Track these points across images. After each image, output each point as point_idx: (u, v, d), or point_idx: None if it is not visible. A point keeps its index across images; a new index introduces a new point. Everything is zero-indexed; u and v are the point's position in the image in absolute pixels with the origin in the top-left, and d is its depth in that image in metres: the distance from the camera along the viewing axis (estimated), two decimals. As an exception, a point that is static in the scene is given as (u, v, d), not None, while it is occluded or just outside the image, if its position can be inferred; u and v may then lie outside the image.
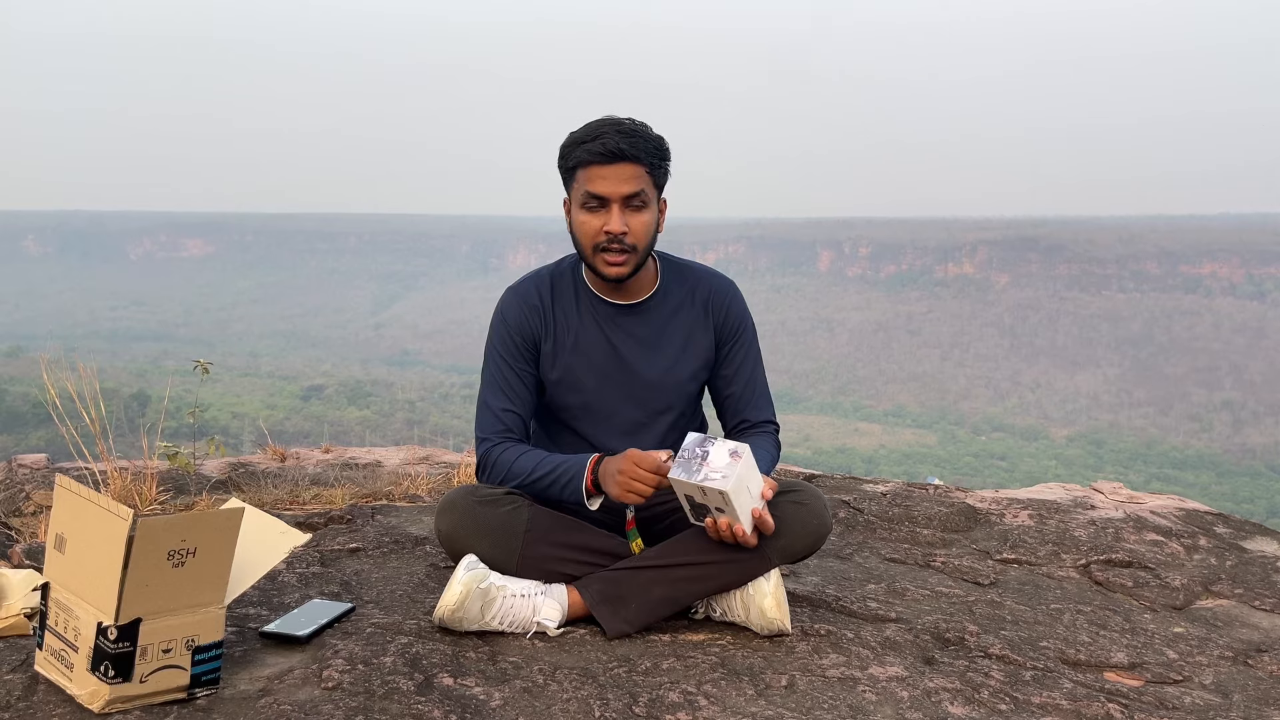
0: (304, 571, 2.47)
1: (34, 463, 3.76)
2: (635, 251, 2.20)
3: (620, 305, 2.31)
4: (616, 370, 2.30)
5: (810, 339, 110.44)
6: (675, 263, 2.41)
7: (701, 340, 2.36)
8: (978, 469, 61.08)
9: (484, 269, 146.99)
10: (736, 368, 2.39)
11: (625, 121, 2.18)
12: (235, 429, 30.68)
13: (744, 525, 2.04)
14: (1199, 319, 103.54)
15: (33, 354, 29.07)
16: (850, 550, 3.02)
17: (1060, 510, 3.49)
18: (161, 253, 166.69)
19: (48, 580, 1.76)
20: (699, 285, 2.38)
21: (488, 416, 2.29)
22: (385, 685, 1.81)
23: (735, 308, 2.39)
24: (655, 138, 2.19)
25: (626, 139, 2.14)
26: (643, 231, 2.20)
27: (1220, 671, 2.24)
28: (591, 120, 2.21)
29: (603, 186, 2.15)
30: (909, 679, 2.00)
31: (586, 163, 2.16)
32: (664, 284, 2.36)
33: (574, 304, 2.32)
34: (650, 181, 2.20)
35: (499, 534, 2.16)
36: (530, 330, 2.30)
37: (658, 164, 2.20)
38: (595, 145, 2.14)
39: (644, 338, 2.32)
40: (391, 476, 3.81)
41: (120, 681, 1.65)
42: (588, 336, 2.30)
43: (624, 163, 2.14)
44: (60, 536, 1.76)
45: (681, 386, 2.35)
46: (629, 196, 2.16)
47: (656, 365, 2.32)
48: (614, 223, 2.16)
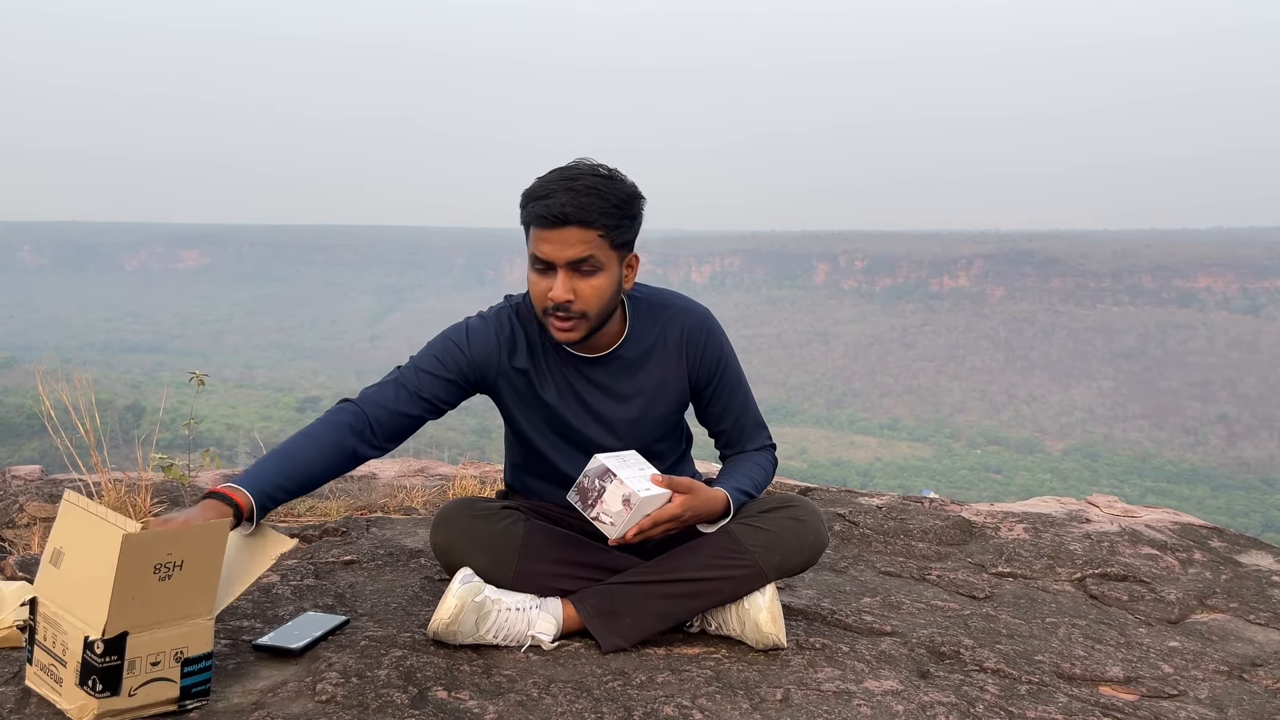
0: (298, 584, 2.46)
1: (28, 474, 3.75)
2: (586, 318, 2.06)
3: (586, 357, 2.21)
4: (585, 420, 2.23)
5: (806, 351, 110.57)
6: (644, 301, 2.25)
7: (675, 384, 2.26)
8: (973, 482, 61.12)
9: (480, 281, 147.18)
10: (723, 407, 2.31)
11: (584, 176, 2.00)
12: (230, 441, 30.57)
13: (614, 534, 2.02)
14: (1193, 333, 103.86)
15: (27, 365, 29.03)
16: (845, 564, 3.02)
17: (1055, 524, 3.49)
18: (157, 264, 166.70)
19: (35, 595, 1.76)
20: (670, 325, 2.24)
21: (378, 382, 2.13)
22: (379, 698, 1.80)
23: (711, 347, 2.26)
24: (617, 195, 2.01)
25: (576, 200, 1.96)
26: (594, 297, 2.04)
27: (1215, 686, 2.24)
28: (554, 170, 2.05)
29: (547, 250, 2.00)
30: (904, 693, 2.00)
31: (533, 222, 2.02)
32: (632, 331, 2.21)
33: (542, 349, 2.21)
34: (606, 244, 2.02)
35: (494, 548, 2.16)
36: (489, 365, 2.17)
37: (615, 225, 2.02)
38: (540, 207, 1.98)
39: (611, 389, 2.23)
40: (387, 489, 3.81)
41: (108, 695, 1.64)
42: (555, 385, 2.21)
43: (570, 227, 1.98)
44: (58, 551, 1.75)
45: (653, 430, 2.28)
46: (575, 262, 2.01)
47: (627, 413, 2.24)
48: (557, 290, 2.01)
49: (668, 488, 2.03)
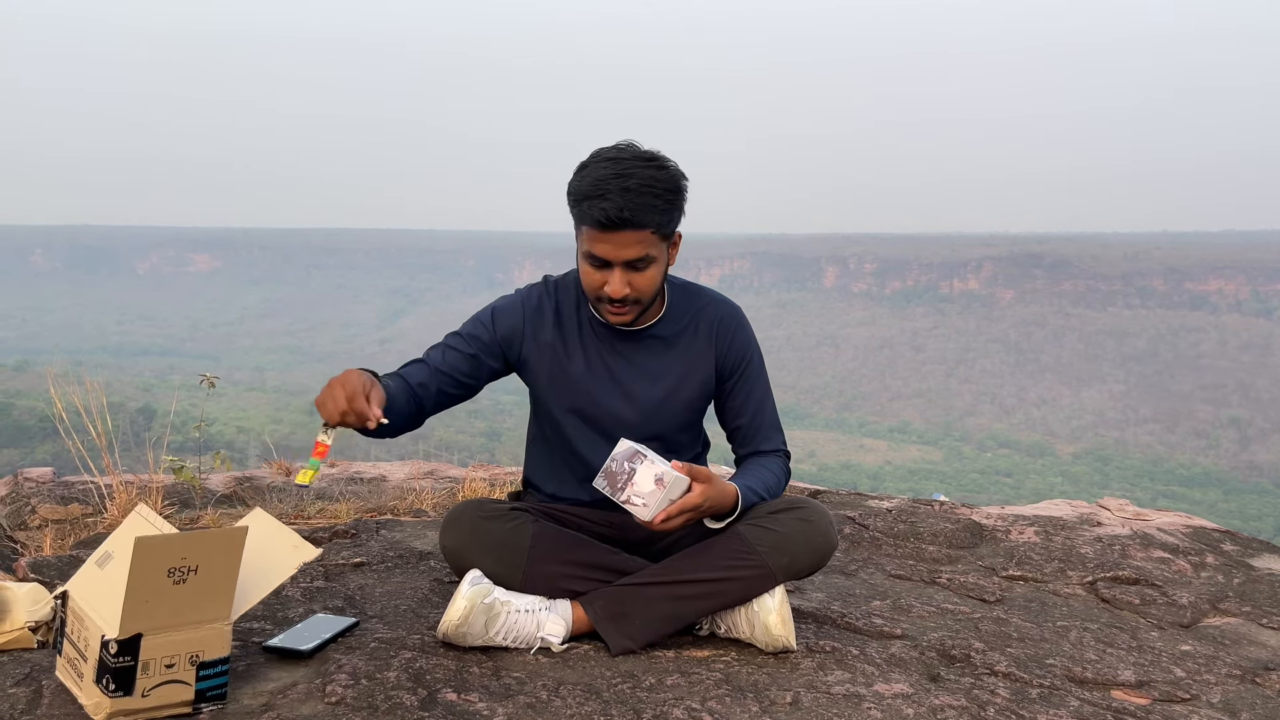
0: (308, 586, 2.47)
1: (40, 476, 3.77)
2: (639, 304, 2.13)
3: (622, 330, 2.25)
4: (613, 395, 2.25)
5: (815, 355, 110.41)
6: (681, 287, 2.32)
7: (703, 369, 2.29)
8: (983, 485, 60.93)
9: (489, 284, 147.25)
10: (744, 400, 2.33)
11: (635, 171, 2.00)
12: (241, 443, 30.64)
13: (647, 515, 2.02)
14: (1205, 335, 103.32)
15: (40, 368, 29.17)
16: (855, 566, 3.01)
17: (1066, 527, 3.48)
18: (169, 268, 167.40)
19: (67, 589, 1.78)
20: (704, 312, 2.30)
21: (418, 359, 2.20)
22: (389, 700, 1.81)
23: (740, 338, 2.31)
24: (667, 189, 2.04)
25: (631, 203, 1.98)
26: (648, 286, 2.11)
27: (1228, 690, 2.23)
28: (601, 159, 2.04)
29: (604, 251, 2.04)
30: (914, 696, 1.99)
31: (588, 223, 2.03)
32: (670, 309, 2.28)
33: (575, 323, 2.26)
34: (657, 238, 2.06)
35: (503, 549, 2.16)
36: (514, 340, 2.23)
37: (667, 220, 2.06)
38: (596, 210, 1.99)
39: (643, 365, 2.26)
40: (396, 491, 3.82)
41: (122, 695, 1.66)
42: (586, 359, 2.24)
43: (627, 230, 2.01)
44: (108, 554, 1.80)
45: (677, 415, 2.30)
46: (633, 261, 2.06)
47: (654, 393, 2.26)
48: (614, 286, 2.06)
49: (688, 475, 2.03)
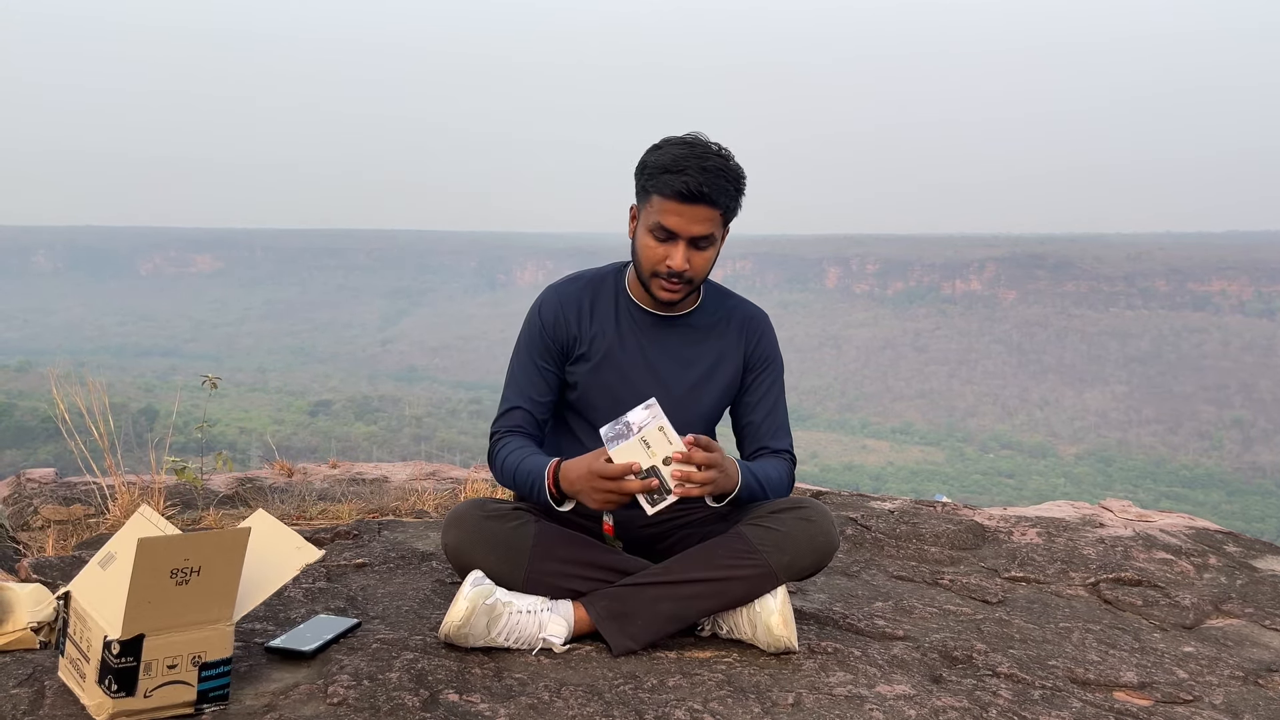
0: (310, 587, 2.47)
1: (42, 477, 3.77)
2: (691, 284, 2.21)
3: (659, 316, 2.32)
4: (646, 380, 2.29)
5: (817, 356, 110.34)
6: (716, 286, 2.42)
7: (731, 362, 2.36)
8: (986, 486, 60.86)
9: (491, 285, 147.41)
10: (760, 396, 2.39)
11: (710, 155, 2.12)
12: (243, 444, 30.68)
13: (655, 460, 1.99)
14: (1207, 336, 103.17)
15: (42, 369, 29.19)
16: (857, 567, 3.01)
17: (1069, 528, 3.48)
18: (171, 268, 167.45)
19: (70, 590, 1.79)
20: (736, 310, 2.41)
21: (502, 409, 2.30)
22: (390, 701, 1.81)
23: (768, 338, 2.42)
24: (736, 177, 2.16)
25: (710, 181, 2.10)
26: (704, 267, 2.21)
27: (1231, 691, 2.22)
28: (682, 139, 2.16)
29: (675, 224, 2.13)
30: (916, 697, 1.99)
31: (664, 193, 2.13)
32: (705, 302, 2.37)
33: (613, 310, 2.32)
34: (721, 222, 2.18)
35: (505, 549, 2.16)
36: (564, 330, 2.30)
37: (733, 205, 2.18)
38: (677, 182, 2.09)
39: (677, 351, 2.33)
40: (398, 492, 3.82)
41: (124, 696, 1.66)
42: (622, 344, 2.30)
43: (702, 205, 2.12)
44: (111, 555, 1.80)
45: (702, 406, 2.34)
46: (698, 238, 2.15)
47: (685, 380, 2.32)
48: (677, 260, 2.15)
49: (702, 447, 2.02)
